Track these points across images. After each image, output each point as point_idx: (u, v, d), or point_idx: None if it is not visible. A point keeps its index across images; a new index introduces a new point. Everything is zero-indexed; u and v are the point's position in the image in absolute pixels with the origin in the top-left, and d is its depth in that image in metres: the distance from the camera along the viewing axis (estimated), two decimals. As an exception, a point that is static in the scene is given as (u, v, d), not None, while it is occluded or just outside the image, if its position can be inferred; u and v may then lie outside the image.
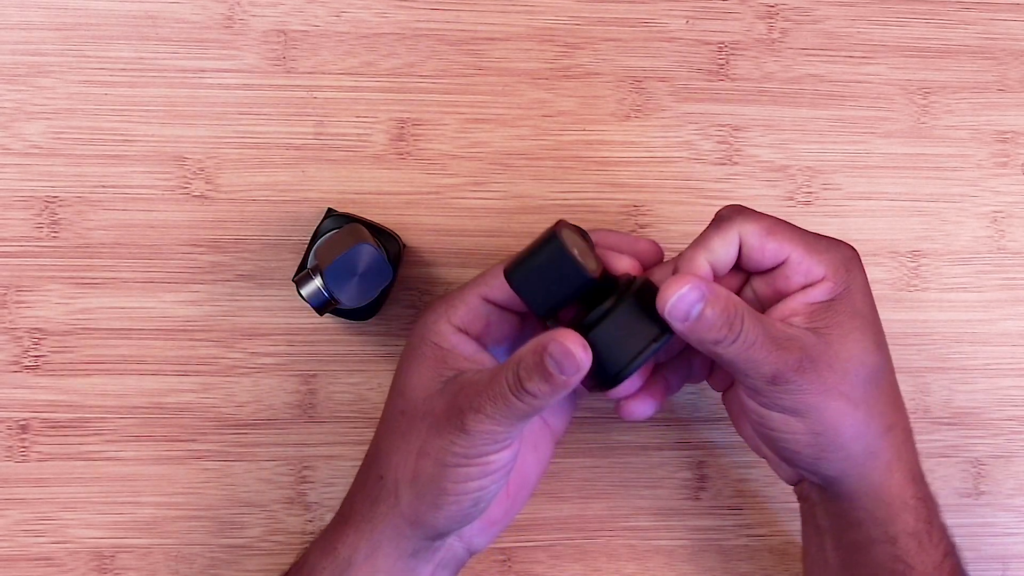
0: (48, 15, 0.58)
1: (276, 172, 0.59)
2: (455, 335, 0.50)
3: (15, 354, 0.58)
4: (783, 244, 0.50)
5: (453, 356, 0.50)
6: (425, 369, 0.50)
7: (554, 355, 0.45)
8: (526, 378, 0.45)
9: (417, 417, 0.49)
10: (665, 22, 0.61)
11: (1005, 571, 0.64)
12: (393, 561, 0.50)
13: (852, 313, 0.50)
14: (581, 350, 0.45)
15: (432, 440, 0.48)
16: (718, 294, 0.47)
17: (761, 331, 0.48)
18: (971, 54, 0.63)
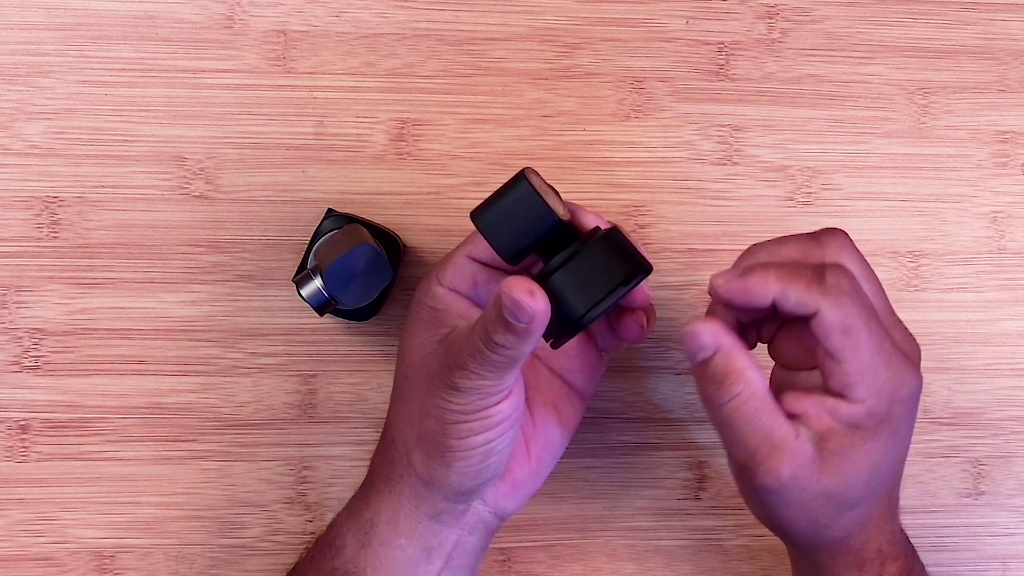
0: (48, 15, 0.58)
1: (276, 172, 0.59)
2: (447, 295, 0.51)
3: (15, 354, 0.58)
4: (847, 350, 0.47)
5: (447, 315, 0.51)
6: (421, 331, 0.51)
7: (507, 304, 0.44)
8: (492, 330, 0.45)
9: (417, 379, 0.50)
10: (665, 22, 0.61)
11: (1005, 571, 0.64)
12: (414, 523, 0.51)
13: (871, 448, 0.48)
14: (528, 296, 0.44)
15: (429, 399, 0.48)
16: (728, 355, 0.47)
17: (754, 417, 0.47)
18: (971, 54, 0.63)
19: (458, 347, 0.47)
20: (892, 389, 0.47)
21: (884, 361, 0.47)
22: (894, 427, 0.48)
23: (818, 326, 0.47)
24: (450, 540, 0.52)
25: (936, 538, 0.63)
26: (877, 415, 0.47)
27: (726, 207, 0.62)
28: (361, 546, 0.52)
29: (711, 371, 0.47)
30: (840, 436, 0.47)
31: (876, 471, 0.48)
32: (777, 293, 0.47)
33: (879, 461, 0.48)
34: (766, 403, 0.47)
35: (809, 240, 0.49)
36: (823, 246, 0.49)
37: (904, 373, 0.48)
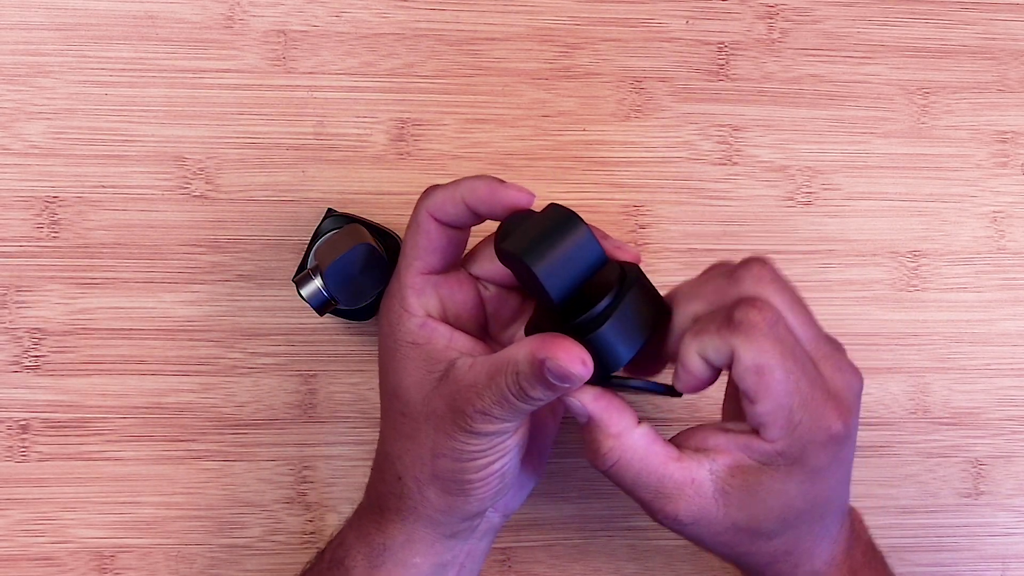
0: (48, 15, 0.58)
1: (276, 172, 0.59)
2: (423, 326, 0.49)
3: (15, 354, 0.58)
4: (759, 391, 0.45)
5: (432, 349, 0.48)
6: (412, 370, 0.49)
7: (553, 371, 0.44)
8: (529, 388, 0.45)
9: (420, 419, 0.49)
10: (665, 22, 0.61)
11: (1005, 571, 0.64)
12: (431, 543, 0.51)
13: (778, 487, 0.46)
14: (581, 366, 0.44)
15: (443, 442, 0.48)
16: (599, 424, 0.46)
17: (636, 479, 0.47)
18: (971, 54, 0.63)
19: (475, 392, 0.46)
20: (807, 432, 0.45)
21: (799, 402, 0.45)
22: (810, 469, 0.46)
23: (735, 370, 0.45)
24: (463, 551, 0.52)
25: (936, 538, 0.63)
26: (789, 456, 0.45)
27: (726, 207, 0.62)
28: (372, 567, 0.51)
29: (586, 438, 0.47)
30: (747, 472, 0.46)
31: (789, 507, 0.47)
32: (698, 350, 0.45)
33: (792, 498, 0.47)
34: (653, 456, 0.47)
35: (725, 278, 0.47)
36: (738, 282, 0.46)
37: (823, 417, 0.45)
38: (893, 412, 0.63)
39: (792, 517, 0.47)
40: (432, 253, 0.49)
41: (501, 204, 0.47)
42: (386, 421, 0.51)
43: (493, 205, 0.47)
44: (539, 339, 0.45)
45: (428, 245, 0.49)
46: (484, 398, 0.46)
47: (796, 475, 0.46)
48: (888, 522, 0.63)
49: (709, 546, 0.49)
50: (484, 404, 0.46)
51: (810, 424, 0.45)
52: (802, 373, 0.45)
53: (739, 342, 0.44)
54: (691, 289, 0.48)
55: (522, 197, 0.47)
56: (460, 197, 0.47)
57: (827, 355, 0.47)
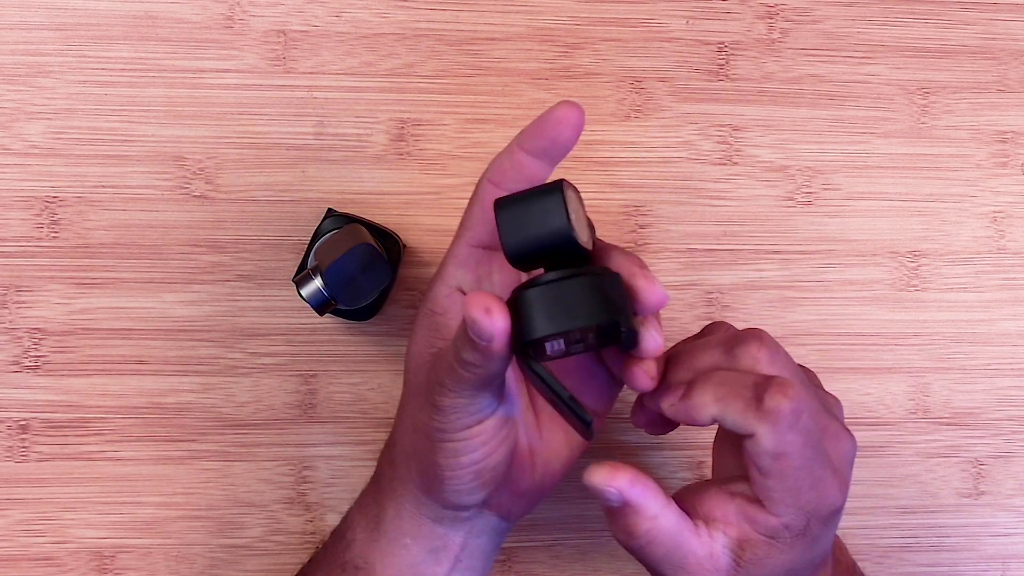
0: (48, 15, 0.58)
1: (276, 172, 0.59)
2: (448, 297, 0.48)
3: (15, 354, 0.58)
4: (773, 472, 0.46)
5: (443, 322, 0.48)
6: (420, 338, 0.49)
7: (469, 324, 0.42)
8: (460, 348, 0.44)
9: (413, 392, 0.49)
10: (665, 22, 0.61)
11: (1005, 571, 0.64)
12: (418, 524, 0.51)
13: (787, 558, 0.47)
14: (484, 314, 0.41)
15: (419, 414, 0.48)
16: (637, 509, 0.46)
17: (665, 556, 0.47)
18: (971, 54, 0.63)
19: (440, 364, 0.46)
20: (812, 508, 0.47)
21: (809, 484, 0.46)
22: (810, 539, 0.47)
23: (751, 445, 0.46)
24: (456, 542, 0.51)
25: (936, 538, 0.63)
26: (793, 529, 0.47)
27: (726, 207, 0.62)
28: (371, 540, 0.52)
29: (619, 522, 0.47)
30: (756, 546, 0.47)
31: (791, 570, 0.48)
32: (716, 415, 0.46)
33: (794, 562, 0.48)
34: (679, 537, 0.47)
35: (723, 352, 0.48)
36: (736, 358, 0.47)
37: (828, 492, 0.47)
38: (893, 412, 0.63)
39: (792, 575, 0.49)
40: (485, 224, 0.47)
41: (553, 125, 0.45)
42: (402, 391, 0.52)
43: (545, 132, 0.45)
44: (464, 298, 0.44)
45: (482, 215, 0.47)
46: (441, 369, 0.45)
47: (799, 545, 0.47)
48: (888, 522, 0.63)
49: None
50: (441, 375, 0.45)
51: (816, 502, 0.47)
52: (815, 455, 0.46)
53: (764, 429, 0.45)
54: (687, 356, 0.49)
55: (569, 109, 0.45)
56: (515, 144, 0.46)
57: (827, 426, 0.48)
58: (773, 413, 0.45)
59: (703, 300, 0.61)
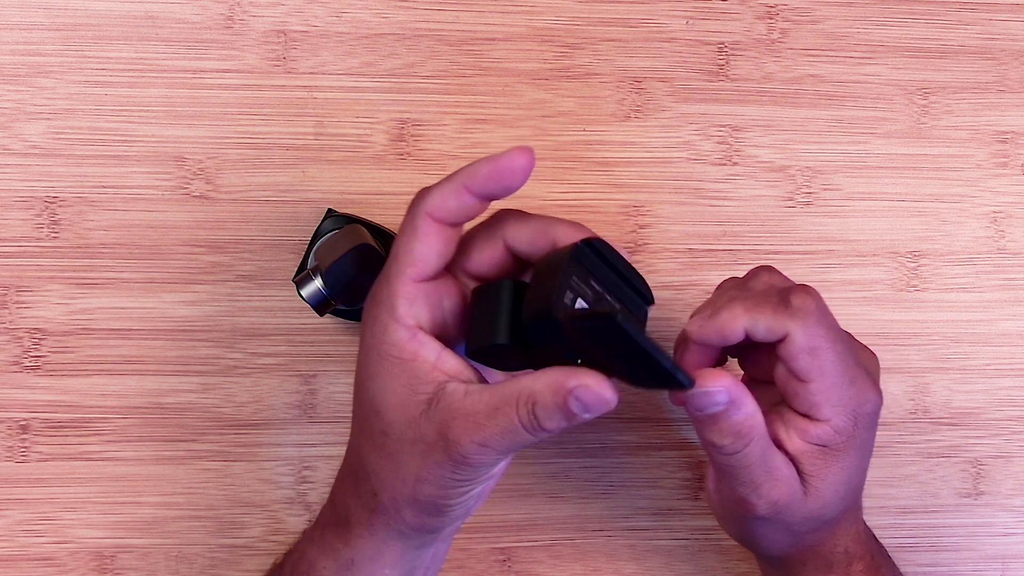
0: (48, 15, 0.58)
1: (276, 172, 0.59)
2: (411, 340, 0.46)
3: (15, 354, 0.58)
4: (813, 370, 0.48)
5: (419, 368, 0.46)
6: (396, 387, 0.46)
7: (583, 399, 0.43)
8: (545, 419, 0.44)
9: (405, 442, 0.46)
10: (665, 22, 0.61)
11: (1005, 571, 0.64)
12: (400, 554, 0.50)
13: (842, 466, 0.49)
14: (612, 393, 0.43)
15: (430, 469, 0.46)
16: (741, 407, 0.47)
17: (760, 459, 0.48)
18: (971, 54, 0.63)
19: (473, 422, 0.45)
20: (856, 406, 0.48)
21: (848, 380, 0.48)
22: (859, 443, 0.49)
23: (785, 348, 0.48)
24: (428, 555, 0.51)
25: (936, 538, 0.63)
26: (843, 432, 0.48)
27: (726, 207, 0.62)
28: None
29: (724, 424, 0.47)
30: (813, 457, 0.49)
31: (849, 486, 0.50)
32: (747, 324, 0.48)
33: (851, 476, 0.50)
34: (768, 441, 0.48)
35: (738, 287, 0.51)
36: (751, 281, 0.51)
37: (867, 390, 0.49)
38: (893, 412, 0.63)
39: (850, 496, 0.50)
40: (428, 259, 0.46)
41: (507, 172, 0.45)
42: (364, 436, 0.49)
43: (499, 177, 0.45)
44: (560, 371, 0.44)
45: (425, 250, 0.46)
46: (485, 430, 0.44)
47: (850, 452, 0.49)
48: (888, 522, 0.63)
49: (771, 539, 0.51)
50: (485, 436, 0.45)
51: (857, 399, 0.48)
52: (848, 354, 0.49)
53: (795, 326, 0.47)
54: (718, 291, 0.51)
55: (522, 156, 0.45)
56: (462, 185, 0.45)
57: (851, 338, 0.51)
58: (802, 310, 0.47)
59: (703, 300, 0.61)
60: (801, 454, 0.49)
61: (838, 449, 0.48)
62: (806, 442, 0.49)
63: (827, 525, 0.51)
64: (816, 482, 0.49)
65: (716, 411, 0.47)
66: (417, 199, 0.46)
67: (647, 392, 0.62)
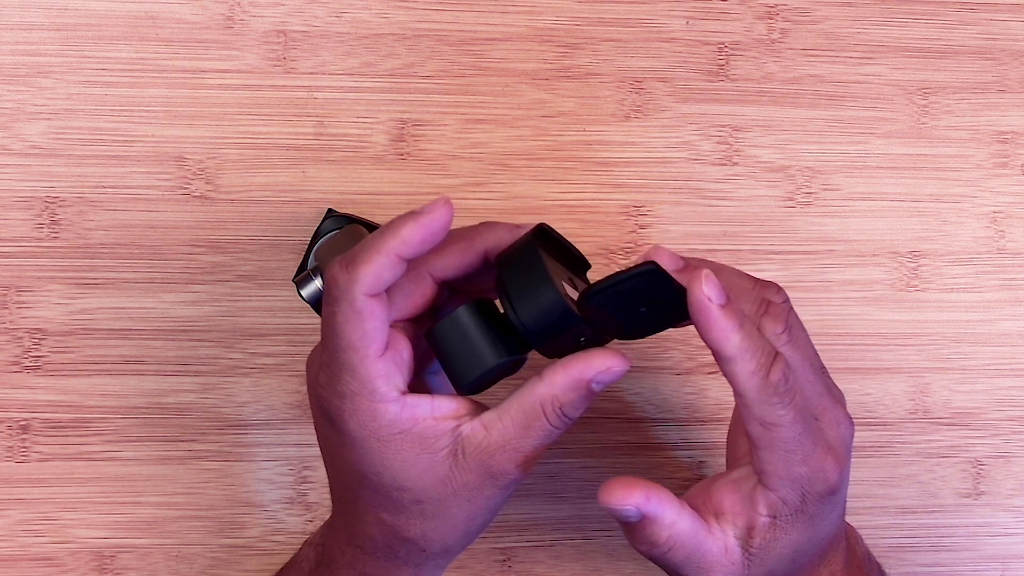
0: (48, 15, 0.58)
1: (276, 172, 0.59)
2: (403, 410, 0.45)
3: (15, 354, 0.58)
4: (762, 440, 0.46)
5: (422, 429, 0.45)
6: (412, 460, 0.45)
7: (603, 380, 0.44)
8: (573, 411, 0.45)
9: (447, 498, 0.46)
10: (665, 22, 0.61)
11: (1005, 571, 0.64)
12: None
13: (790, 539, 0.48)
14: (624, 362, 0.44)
15: (483, 504, 0.47)
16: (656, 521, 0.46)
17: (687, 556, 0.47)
18: (971, 54, 0.63)
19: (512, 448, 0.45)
20: (806, 483, 0.47)
21: (800, 457, 0.46)
22: (809, 517, 0.47)
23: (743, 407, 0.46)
24: None
25: (936, 538, 0.63)
26: (790, 505, 0.47)
27: (726, 207, 0.62)
28: None
29: (638, 534, 0.47)
30: (763, 532, 0.47)
31: (797, 551, 0.48)
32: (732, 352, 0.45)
33: (800, 546, 0.48)
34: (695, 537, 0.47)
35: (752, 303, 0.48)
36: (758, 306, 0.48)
37: (822, 470, 0.47)
38: (893, 412, 0.63)
39: (800, 558, 0.49)
40: (382, 331, 0.44)
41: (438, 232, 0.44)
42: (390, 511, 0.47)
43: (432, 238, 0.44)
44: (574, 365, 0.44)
45: (377, 326, 0.44)
46: (525, 449, 0.45)
47: (799, 526, 0.47)
48: (888, 522, 0.63)
49: None
50: (526, 455, 0.45)
51: (809, 476, 0.46)
52: (805, 430, 0.46)
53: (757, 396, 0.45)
54: None
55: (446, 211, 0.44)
56: (396, 256, 0.43)
57: (827, 408, 0.49)
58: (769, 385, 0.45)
59: (703, 300, 0.61)
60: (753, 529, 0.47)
61: (785, 520, 0.47)
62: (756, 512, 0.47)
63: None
64: (763, 554, 0.47)
65: (629, 521, 0.47)
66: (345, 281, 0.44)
67: (647, 391, 0.62)
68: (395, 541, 0.48)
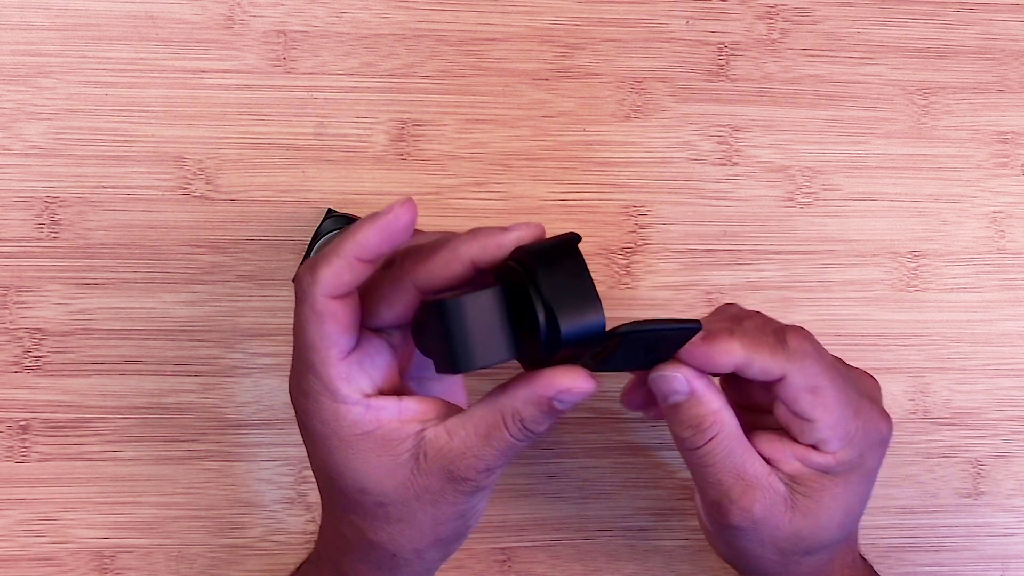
0: (48, 15, 0.58)
1: (276, 172, 0.59)
2: (366, 412, 0.45)
3: (15, 354, 0.58)
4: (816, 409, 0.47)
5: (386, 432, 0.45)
6: (375, 462, 0.45)
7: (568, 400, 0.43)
8: (535, 426, 0.44)
9: (409, 502, 0.46)
10: (665, 22, 0.61)
11: (1005, 571, 0.64)
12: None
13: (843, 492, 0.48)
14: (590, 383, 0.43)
15: (444, 508, 0.46)
16: (702, 399, 0.46)
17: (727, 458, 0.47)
18: (971, 54, 0.63)
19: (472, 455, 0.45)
20: (864, 437, 0.48)
21: (852, 412, 0.48)
22: (866, 471, 0.49)
23: (785, 390, 0.47)
24: None
25: (936, 538, 0.63)
26: (849, 463, 0.48)
27: (726, 207, 0.62)
28: None
29: (684, 415, 0.47)
30: (812, 480, 0.48)
31: (849, 513, 0.49)
32: (741, 362, 0.46)
33: (852, 503, 0.49)
34: (740, 442, 0.47)
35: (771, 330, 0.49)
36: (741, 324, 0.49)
37: (874, 419, 0.49)
38: (893, 412, 0.62)
39: (849, 522, 0.49)
40: (345, 333, 0.44)
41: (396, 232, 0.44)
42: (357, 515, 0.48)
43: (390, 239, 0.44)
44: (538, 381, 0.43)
45: (338, 328, 0.44)
46: (485, 457, 0.45)
47: (854, 479, 0.48)
48: (888, 522, 0.63)
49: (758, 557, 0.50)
50: (488, 463, 0.45)
51: (864, 430, 0.48)
52: (849, 387, 0.48)
53: (794, 368, 0.47)
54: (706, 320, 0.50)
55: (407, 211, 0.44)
56: (354, 258, 0.43)
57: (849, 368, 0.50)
58: (799, 351, 0.47)
59: (703, 300, 0.61)
60: (801, 475, 0.48)
61: (840, 475, 0.48)
62: (809, 467, 0.48)
63: (823, 551, 0.50)
64: (811, 504, 0.48)
65: (677, 400, 0.47)
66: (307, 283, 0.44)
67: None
68: (364, 544, 0.48)
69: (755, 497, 0.47)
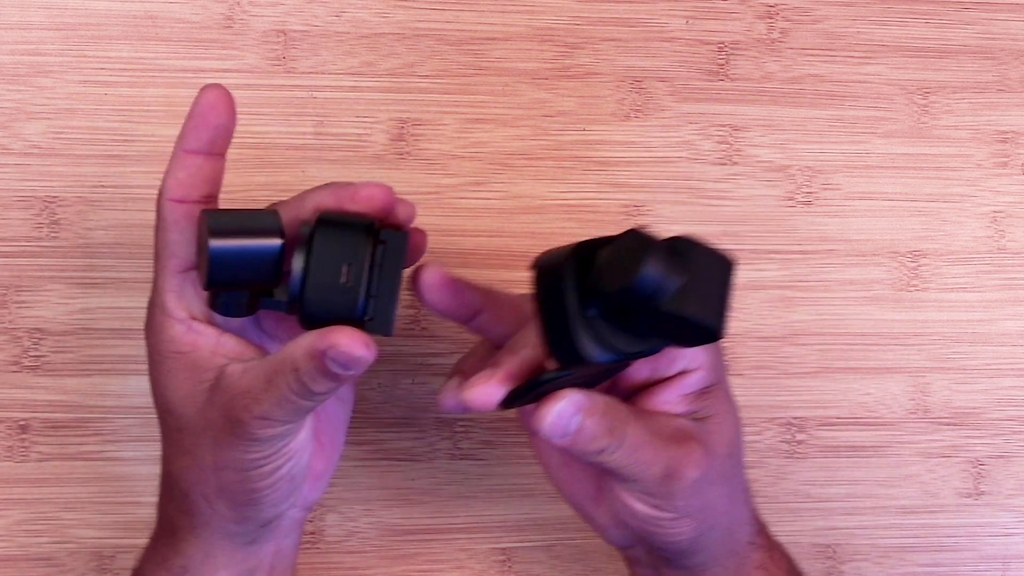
0: (48, 15, 0.58)
1: (276, 172, 0.59)
2: (186, 333, 0.46)
3: (15, 354, 0.58)
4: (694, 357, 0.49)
5: (198, 357, 0.46)
6: (180, 382, 0.46)
7: (338, 360, 0.42)
8: (311, 383, 0.43)
9: (197, 433, 0.46)
10: (665, 22, 0.61)
11: (1005, 571, 0.64)
12: (231, 553, 0.49)
13: (725, 397, 0.50)
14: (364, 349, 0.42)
15: (224, 452, 0.46)
16: (596, 403, 0.45)
17: (645, 430, 0.47)
18: (971, 54, 0.63)
19: (252, 397, 0.44)
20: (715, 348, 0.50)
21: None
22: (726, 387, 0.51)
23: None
24: (268, 553, 0.50)
25: (936, 538, 0.63)
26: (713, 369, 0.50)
27: (726, 207, 0.62)
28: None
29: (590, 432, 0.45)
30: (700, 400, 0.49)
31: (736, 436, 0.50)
32: None
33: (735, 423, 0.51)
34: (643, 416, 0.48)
35: None
36: None
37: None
38: (893, 412, 0.63)
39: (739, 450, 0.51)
40: (185, 244, 0.45)
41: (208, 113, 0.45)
42: (165, 439, 0.49)
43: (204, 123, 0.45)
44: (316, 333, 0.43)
45: (180, 238, 0.45)
46: (262, 403, 0.44)
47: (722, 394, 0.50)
48: (888, 522, 0.63)
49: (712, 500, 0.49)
50: (263, 409, 0.44)
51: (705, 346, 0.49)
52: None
53: None
54: None
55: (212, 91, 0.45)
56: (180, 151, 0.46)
57: None
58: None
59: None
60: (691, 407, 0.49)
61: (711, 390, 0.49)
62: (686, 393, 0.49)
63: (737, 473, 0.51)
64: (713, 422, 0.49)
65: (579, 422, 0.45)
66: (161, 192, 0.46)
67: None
68: (167, 475, 0.49)
69: (689, 441, 0.48)
